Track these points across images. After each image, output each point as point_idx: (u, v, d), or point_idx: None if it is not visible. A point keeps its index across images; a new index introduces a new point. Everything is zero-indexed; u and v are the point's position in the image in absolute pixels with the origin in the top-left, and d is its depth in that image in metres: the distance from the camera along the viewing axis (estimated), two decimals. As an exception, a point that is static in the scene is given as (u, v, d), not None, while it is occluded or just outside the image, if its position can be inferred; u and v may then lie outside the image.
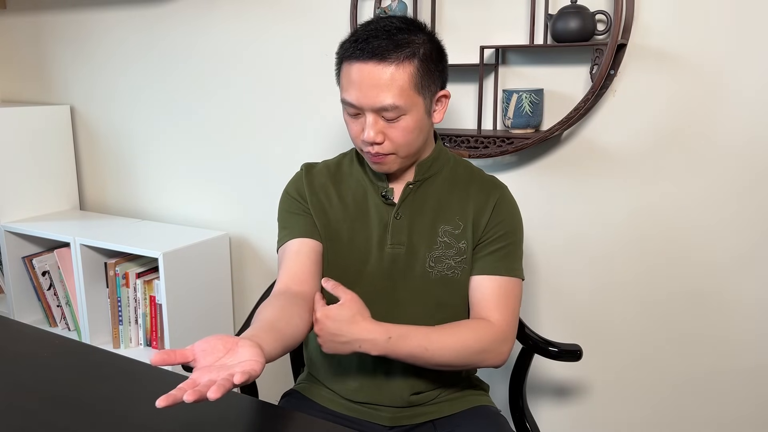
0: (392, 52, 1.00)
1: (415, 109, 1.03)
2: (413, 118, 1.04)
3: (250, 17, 1.87)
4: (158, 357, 0.73)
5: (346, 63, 1.04)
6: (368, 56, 1.00)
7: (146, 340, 1.98)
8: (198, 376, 0.73)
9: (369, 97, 1.01)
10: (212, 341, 0.78)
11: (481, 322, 1.09)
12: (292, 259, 1.12)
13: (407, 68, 1.01)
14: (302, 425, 0.90)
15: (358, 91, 1.02)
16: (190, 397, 0.67)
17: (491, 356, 1.09)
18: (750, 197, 1.39)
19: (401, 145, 1.06)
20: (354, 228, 1.15)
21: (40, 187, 2.21)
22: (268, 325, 0.92)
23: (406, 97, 1.02)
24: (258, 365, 0.75)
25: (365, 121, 1.04)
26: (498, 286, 1.12)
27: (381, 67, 1.00)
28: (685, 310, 1.50)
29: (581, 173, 1.54)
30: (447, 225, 1.14)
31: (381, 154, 1.06)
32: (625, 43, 1.40)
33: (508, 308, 1.11)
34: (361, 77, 1.01)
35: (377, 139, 1.04)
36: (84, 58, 2.22)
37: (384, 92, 1.01)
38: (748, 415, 1.48)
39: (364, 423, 1.15)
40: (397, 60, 1.00)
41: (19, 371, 1.03)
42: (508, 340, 1.11)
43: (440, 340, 1.05)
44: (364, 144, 1.07)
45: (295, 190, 1.19)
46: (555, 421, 1.70)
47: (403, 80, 1.01)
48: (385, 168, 1.10)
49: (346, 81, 1.05)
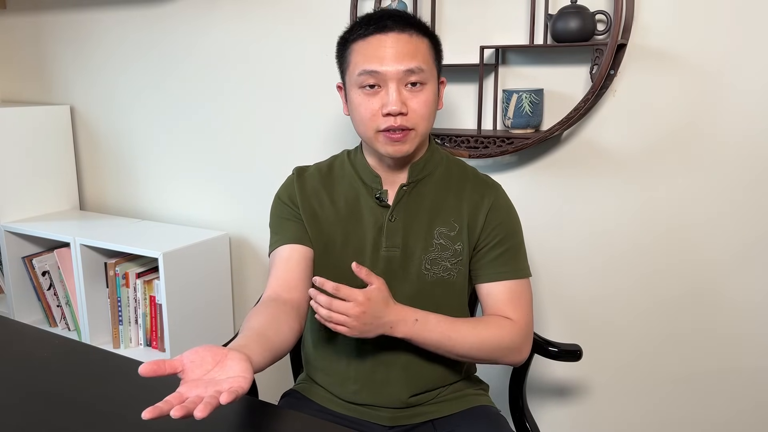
0: (410, 27, 1.05)
1: (432, 82, 1.07)
2: (431, 90, 1.07)
3: (250, 18, 1.87)
4: (148, 368, 0.72)
5: (361, 40, 1.06)
6: (388, 29, 1.04)
7: (146, 340, 1.98)
8: (186, 390, 0.73)
9: (397, 58, 1.03)
10: (201, 352, 0.78)
11: (503, 319, 1.12)
12: (282, 265, 1.12)
13: (424, 41, 1.07)
14: (302, 425, 0.90)
15: (383, 58, 1.03)
16: (177, 413, 0.67)
17: (513, 353, 1.12)
18: (750, 197, 1.39)
19: (422, 118, 1.06)
20: (347, 231, 1.14)
21: (40, 187, 2.21)
22: (257, 335, 0.92)
23: (429, 65, 1.06)
24: (245, 382, 0.74)
25: (387, 93, 1.04)
26: (509, 290, 1.13)
27: (406, 36, 1.04)
28: (686, 309, 1.50)
29: (581, 173, 1.53)
30: (442, 227, 1.13)
31: (405, 127, 1.05)
32: (625, 43, 1.40)
33: (523, 308, 1.13)
34: (385, 45, 1.04)
35: (402, 108, 1.04)
36: (84, 58, 2.22)
37: (410, 55, 1.04)
38: (748, 415, 1.48)
39: (364, 423, 1.15)
40: (417, 33, 1.06)
41: (19, 371, 1.03)
42: (529, 337, 1.14)
43: (464, 330, 1.07)
44: (384, 120, 1.05)
45: (287, 196, 1.18)
46: (555, 421, 1.70)
47: (424, 49, 1.06)
48: (405, 148, 1.07)
49: (363, 54, 1.05)
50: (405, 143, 1.06)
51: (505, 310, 1.12)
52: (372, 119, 1.06)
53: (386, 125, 1.05)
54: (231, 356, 0.78)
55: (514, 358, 1.13)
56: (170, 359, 0.75)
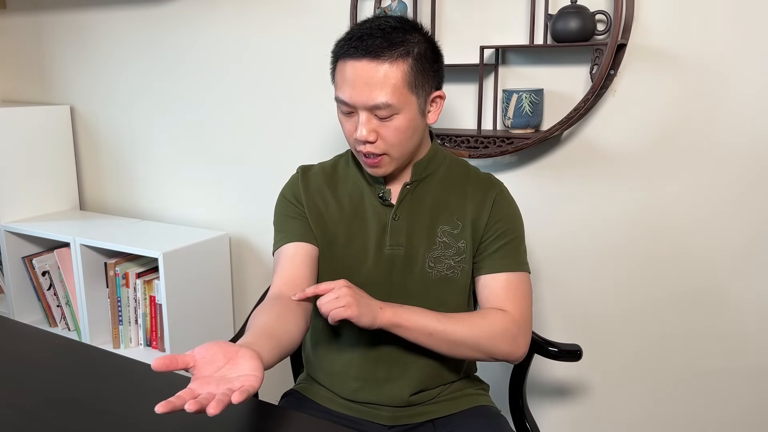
0: (386, 50, 1.00)
1: (408, 108, 1.03)
2: (406, 118, 1.04)
3: (250, 17, 1.87)
4: (160, 362, 0.72)
5: (341, 61, 1.04)
6: (362, 54, 1.01)
7: (146, 340, 1.98)
8: (197, 386, 0.73)
9: (362, 94, 1.01)
10: (213, 348, 0.78)
11: (496, 310, 1.10)
12: (288, 263, 1.12)
13: (401, 66, 1.01)
14: (302, 425, 0.90)
15: (351, 89, 1.02)
16: (192, 407, 0.67)
17: (507, 343, 1.08)
18: (750, 196, 1.39)
19: (394, 145, 1.05)
20: (351, 230, 1.15)
21: (40, 187, 2.21)
22: (266, 332, 0.92)
23: (399, 96, 1.01)
24: (256, 381, 0.74)
25: (358, 120, 1.04)
26: (506, 281, 1.12)
27: (374, 65, 1.00)
28: (686, 309, 1.50)
29: (581, 173, 1.54)
30: (445, 225, 1.14)
31: (374, 154, 1.06)
32: (625, 43, 1.40)
33: (520, 300, 1.11)
34: (355, 75, 1.01)
35: (370, 137, 1.04)
36: (84, 57, 2.22)
37: (377, 90, 1.00)
38: (748, 414, 1.48)
39: (364, 422, 1.15)
40: (391, 58, 1.00)
41: (19, 371, 1.03)
42: (523, 330, 1.10)
43: (454, 317, 1.07)
44: (356, 143, 1.06)
45: (292, 194, 1.18)
46: (555, 421, 1.70)
47: (396, 78, 1.01)
48: (381, 171, 1.09)
49: (340, 79, 1.05)
50: (380, 167, 1.08)
51: (501, 302, 1.11)
52: (350, 137, 1.08)
53: (359, 148, 1.07)
54: (242, 353, 0.78)
55: (509, 349, 1.08)
56: (182, 354, 0.75)
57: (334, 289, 0.98)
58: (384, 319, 1.01)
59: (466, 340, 1.06)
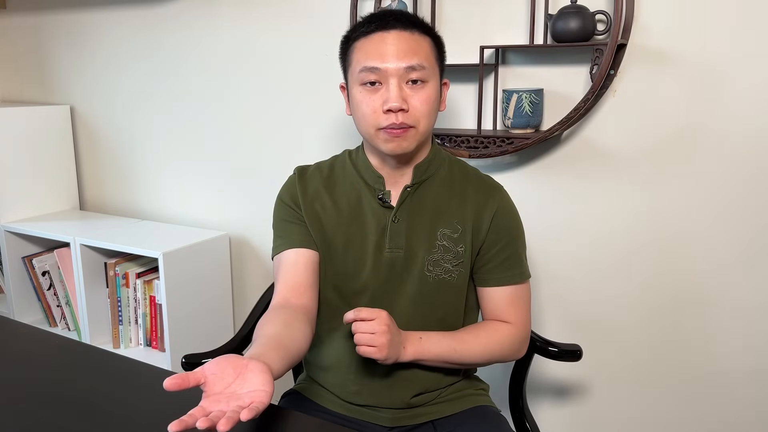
0: (414, 24, 1.06)
1: (433, 81, 1.07)
2: (433, 89, 1.07)
3: (250, 18, 1.87)
4: (172, 382, 0.72)
5: (363, 38, 1.06)
6: (391, 27, 1.05)
7: (146, 340, 1.98)
8: (208, 404, 0.73)
9: (399, 54, 1.03)
10: (222, 364, 0.78)
11: (502, 325, 1.16)
12: (290, 270, 1.12)
13: (426, 40, 1.07)
14: (302, 425, 0.90)
15: (385, 53, 1.04)
16: (203, 425, 0.68)
17: (513, 355, 1.18)
18: (750, 197, 1.39)
19: (423, 115, 1.06)
20: (349, 233, 1.14)
21: (40, 187, 2.21)
22: (275, 343, 0.92)
23: (430, 63, 1.06)
24: (266, 396, 0.75)
25: (388, 90, 1.04)
26: (509, 294, 1.16)
27: (406, 33, 1.05)
28: (686, 309, 1.50)
29: (581, 173, 1.54)
30: (445, 228, 1.13)
31: (405, 125, 1.04)
32: (625, 43, 1.40)
33: (522, 310, 1.17)
34: (387, 41, 1.04)
35: (403, 105, 1.03)
36: (84, 58, 2.22)
37: (412, 52, 1.04)
38: (746, 417, 1.48)
39: (364, 423, 1.15)
40: (420, 30, 1.06)
41: (19, 371, 1.03)
42: (527, 338, 1.20)
43: (468, 341, 1.12)
44: (385, 118, 1.04)
45: (289, 197, 1.17)
46: (555, 421, 1.70)
47: (427, 46, 1.07)
48: (405, 145, 1.06)
49: (364, 51, 1.06)
50: (405, 139, 1.06)
51: (505, 314, 1.16)
52: (373, 116, 1.05)
53: (387, 122, 1.04)
54: (251, 367, 0.78)
55: (513, 356, 1.19)
56: (193, 372, 0.75)
57: (375, 321, 0.99)
58: (405, 358, 1.07)
59: (480, 360, 1.15)
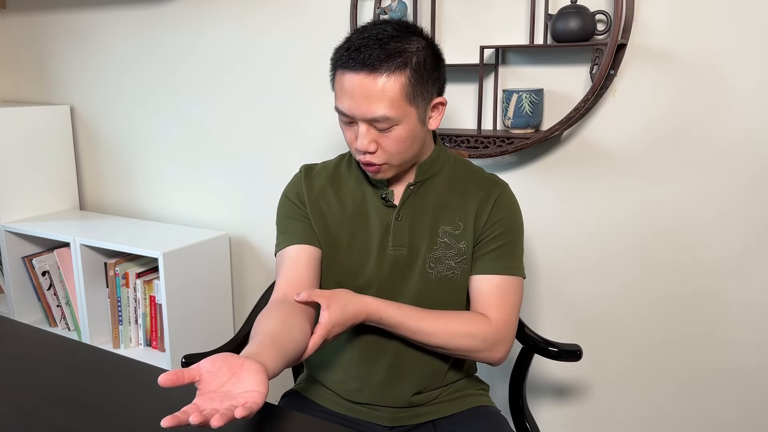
0: (383, 62, 0.99)
1: (407, 119, 1.03)
2: (405, 128, 1.03)
3: (250, 17, 1.87)
4: (167, 378, 0.73)
5: (339, 71, 1.04)
6: (359, 67, 1.00)
7: (146, 340, 1.98)
8: (202, 402, 0.73)
9: (360, 107, 1.01)
10: (218, 362, 0.78)
11: (478, 316, 1.11)
12: (291, 266, 1.12)
13: (399, 79, 1.00)
14: (302, 425, 0.90)
15: (350, 101, 1.02)
16: (196, 419, 0.68)
17: (486, 352, 1.10)
18: (750, 196, 1.39)
19: (393, 155, 1.06)
20: (353, 231, 1.15)
21: (40, 187, 2.21)
22: (270, 341, 0.91)
23: (398, 108, 1.01)
24: (260, 397, 0.75)
25: (358, 130, 1.04)
26: (496, 285, 1.12)
27: (372, 78, 1.00)
28: (686, 309, 1.50)
29: (581, 173, 1.54)
30: (447, 225, 1.13)
31: (373, 163, 1.06)
32: (625, 43, 1.40)
33: (506, 307, 1.11)
34: (353, 87, 1.01)
35: (370, 148, 1.04)
36: (84, 58, 2.22)
37: (375, 103, 1.00)
38: (748, 416, 1.48)
39: (364, 423, 1.15)
40: (389, 71, 0.99)
41: (19, 371, 1.03)
42: (504, 339, 1.11)
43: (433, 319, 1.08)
44: (357, 152, 1.07)
45: (295, 194, 1.18)
46: (555, 421, 1.70)
47: (394, 91, 1.00)
48: (380, 176, 1.10)
49: (339, 89, 1.05)
50: (380, 172, 1.09)
51: (487, 307, 1.11)
52: (351, 145, 1.08)
53: (359, 158, 1.08)
54: (246, 367, 0.78)
55: (488, 356, 1.10)
56: (188, 369, 0.75)
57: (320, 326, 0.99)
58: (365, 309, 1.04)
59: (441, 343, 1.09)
